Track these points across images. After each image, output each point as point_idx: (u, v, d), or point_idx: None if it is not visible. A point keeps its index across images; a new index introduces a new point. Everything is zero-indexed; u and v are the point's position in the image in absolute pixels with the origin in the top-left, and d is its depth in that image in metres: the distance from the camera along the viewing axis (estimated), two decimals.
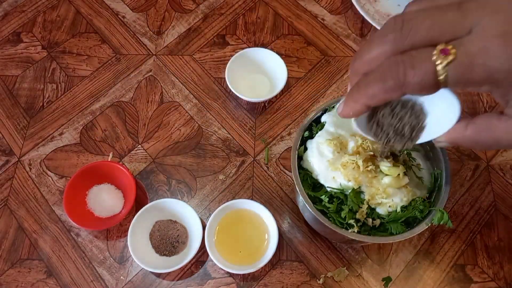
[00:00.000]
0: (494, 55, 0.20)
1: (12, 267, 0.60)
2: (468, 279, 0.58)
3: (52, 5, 0.82)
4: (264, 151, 0.67)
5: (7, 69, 0.75)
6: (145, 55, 0.76)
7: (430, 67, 0.22)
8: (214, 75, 0.74)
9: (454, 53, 0.21)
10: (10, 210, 0.64)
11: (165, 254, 0.59)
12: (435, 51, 0.21)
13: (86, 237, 0.62)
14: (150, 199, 0.64)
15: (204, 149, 0.67)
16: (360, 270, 0.59)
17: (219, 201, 0.64)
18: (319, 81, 0.73)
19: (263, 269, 0.59)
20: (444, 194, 0.43)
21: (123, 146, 0.68)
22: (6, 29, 0.79)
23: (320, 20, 0.79)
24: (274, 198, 0.63)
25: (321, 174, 0.45)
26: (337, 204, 0.43)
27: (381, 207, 0.43)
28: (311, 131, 0.49)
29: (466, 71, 0.21)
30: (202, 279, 0.59)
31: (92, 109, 0.71)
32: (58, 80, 0.74)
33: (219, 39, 0.77)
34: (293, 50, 0.76)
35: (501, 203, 0.63)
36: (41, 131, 0.70)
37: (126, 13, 0.81)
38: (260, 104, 0.71)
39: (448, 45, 0.21)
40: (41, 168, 0.67)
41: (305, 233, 0.61)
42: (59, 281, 0.59)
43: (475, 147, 0.28)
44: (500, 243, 0.60)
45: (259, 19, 0.79)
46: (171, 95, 0.72)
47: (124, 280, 0.59)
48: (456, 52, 0.21)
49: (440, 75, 0.22)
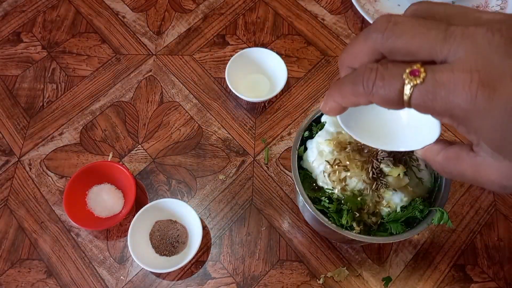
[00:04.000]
0: (457, 92, 0.20)
1: (12, 267, 0.60)
2: (468, 279, 0.58)
3: (52, 5, 0.82)
4: (264, 151, 0.67)
5: (7, 69, 0.75)
6: (145, 55, 0.76)
7: (398, 84, 0.22)
8: (214, 75, 0.74)
9: (423, 78, 0.21)
10: (10, 210, 0.64)
11: (165, 254, 0.59)
12: (407, 69, 0.21)
13: (86, 237, 0.62)
14: (150, 199, 0.64)
15: (204, 149, 0.67)
16: (360, 270, 0.59)
17: (219, 201, 0.64)
18: (319, 81, 0.73)
19: (263, 269, 0.59)
20: (444, 194, 0.43)
21: (123, 146, 0.68)
22: (6, 29, 0.79)
23: (320, 20, 0.79)
24: (274, 198, 0.63)
25: (320, 174, 0.45)
26: (337, 204, 0.43)
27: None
28: (311, 131, 0.49)
29: (428, 98, 0.21)
30: (202, 279, 0.59)
31: (92, 109, 0.71)
32: (58, 80, 0.74)
33: (219, 39, 0.77)
34: (293, 50, 0.76)
35: (501, 203, 0.63)
36: (41, 131, 0.70)
37: (126, 13, 0.81)
38: (260, 104, 0.71)
39: (421, 67, 0.21)
40: (41, 168, 0.67)
41: (305, 233, 0.61)
42: (59, 281, 0.59)
43: (442, 174, 0.28)
44: (500, 243, 0.60)
45: (259, 19, 0.79)
46: (171, 95, 0.72)
47: (124, 280, 0.59)
48: (425, 77, 0.21)
49: (405, 95, 0.22)
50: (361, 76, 0.23)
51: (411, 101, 0.22)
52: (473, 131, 0.22)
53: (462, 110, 0.20)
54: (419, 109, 0.22)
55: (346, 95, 0.25)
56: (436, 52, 0.21)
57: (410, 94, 0.21)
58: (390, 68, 0.22)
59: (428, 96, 0.21)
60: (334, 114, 0.28)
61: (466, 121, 0.21)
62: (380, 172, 0.43)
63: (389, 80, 0.22)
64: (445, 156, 0.27)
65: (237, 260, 0.60)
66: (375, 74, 0.22)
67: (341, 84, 0.25)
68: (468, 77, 0.20)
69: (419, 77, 0.21)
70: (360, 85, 0.23)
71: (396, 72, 0.22)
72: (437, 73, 0.21)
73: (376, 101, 0.23)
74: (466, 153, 0.25)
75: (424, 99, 0.21)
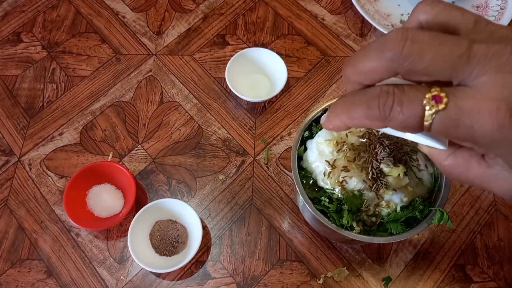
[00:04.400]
0: (483, 121, 0.19)
1: (12, 267, 0.60)
2: (468, 279, 0.58)
3: (52, 5, 0.82)
4: (264, 151, 0.67)
5: (7, 69, 0.75)
6: (145, 55, 0.76)
7: (418, 110, 0.21)
8: (214, 75, 0.74)
9: (445, 103, 0.20)
10: (10, 210, 0.64)
11: (165, 254, 0.59)
12: (428, 95, 0.20)
13: (86, 237, 0.62)
14: (150, 199, 0.64)
15: (204, 149, 0.67)
16: (360, 270, 0.59)
17: (219, 201, 0.64)
18: (319, 81, 0.73)
19: (263, 269, 0.59)
20: (444, 194, 0.43)
21: (123, 146, 0.68)
22: (6, 29, 0.79)
23: (320, 20, 0.79)
24: (274, 198, 0.63)
25: (320, 174, 0.45)
26: (337, 204, 0.43)
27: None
28: (311, 131, 0.49)
29: (451, 125, 0.20)
30: (202, 279, 0.59)
31: (92, 109, 0.71)
32: (58, 80, 0.74)
33: (219, 39, 0.77)
34: (293, 50, 0.76)
35: (501, 203, 0.63)
36: (41, 131, 0.70)
37: (126, 13, 0.81)
38: (260, 104, 0.71)
39: (442, 92, 0.20)
40: (41, 168, 0.67)
41: (305, 233, 0.61)
42: (59, 281, 0.59)
43: (448, 177, 0.27)
44: (500, 243, 0.60)
45: (259, 19, 0.79)
46: (171, 95, 0.72)
47: (124, 280, 0.59)
48: (448, 103, 0.20)
49: (426, 121, 0.21)
50: (376, 100, 0.22)
51: (432, 127, 0.21)
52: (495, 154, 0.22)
53: (486, 138, 0.20)
54: (440, 134, 0.21)
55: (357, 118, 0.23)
56: (458, 74, 0.20)
57: (431, 121, 0.20)
58: (408, 92, 0.21)
59: (451, 123, 0.20)
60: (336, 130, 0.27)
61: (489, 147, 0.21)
62: (380, 172, 0.43)
63: (408, 106, 0.21)
64: (454, 163, 0.25)
65: (237, 260, 0.60)
66: (393, 98, 0.21)
67: (350, 105, 0.23)
68: (494, 106, 0.19)
69: (441, 103, 0.20)
70: (375, 109, 0.22)
71: (416, 97, 0.21)
72: (459, 100, 0.20)
73: (393, 126, 0.22)
74: (476, 161, 0.24)
75: (446, 126, 0.20)
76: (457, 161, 0.25)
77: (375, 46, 0.22)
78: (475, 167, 0.24)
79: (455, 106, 0.20)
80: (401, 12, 0.78)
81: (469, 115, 0.20)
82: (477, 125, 0.20)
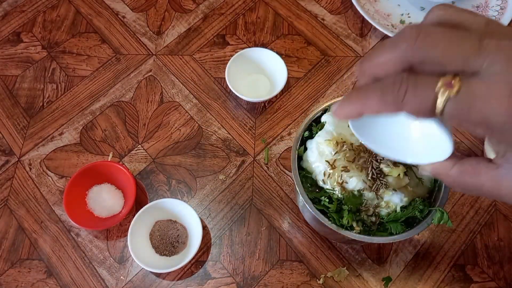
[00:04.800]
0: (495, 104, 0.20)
1: (12, 267, 0.60)
2: (468, 279, 0.58)
3: (52, 5, 0.82)
4: (264, 151, 0.67)
5: (7, 69, 0.75)
6: (145, 55, 0.76)
7: (431, 95, 0.22)
8: (214, 75, 0.74)
9: (458, 89, 0.21)
10: (10, 210, 0.64)
11: (165, 254, 0.59)
12: (440, 81, 0.21)
13: (86, 237, 0.62)
14: (150, 199, 0.64)
15: (204, 149, 0.67)
16: (360, 270, 0.59)
17: (219, 201, 0.64)
18: (319, 81, 0.73)
19: (263, 269, 0.59)
20: (444, 194, 0.43)
21: (123, 146, 0.68)
22: (6, 29, 0.79)
23: (320, 20, 0.79)
24: (274, 198, 0.63)
25: (320, 174, 0.45)
26: (337, 204, 0.43)
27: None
28: (311, 131, 0.49)
29: (464, 110, 0.21)
30: (202, 279, 0.59)
31: (92, 109, 0.71)
32: (58, 80, 0.74)
33: (219, 39, 0.77)
34: (293, 50, 0.76)
35: (501, 203, 0.63)
36: (41, 131, 0.70)
37: (126, 13, 0.81)
38: (260, 104, 0.71)
39: (454, 78, 0.21)
40: (41, 168, 0.67)
41: (305, 233, 0.61)
42: (59, 281, 0.59)
43: (456, 188, 0.27)
44: (500, 243, 0.60)
45: (259, 19, 0.79)
46: (171, 95, 0.72)
47: (124, 280, 0.59)
48: (460, 89, 0.21)
49: (438, 106, 0.22)
50: (391, 85, 0.23)
51: (445, 111, 0.22)
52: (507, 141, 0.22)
53: (499, 121, 0.20)
54: (452, 120, 0.22)
55: (371, 104, 0.24)
56: (469, 64, 0.21)
57: (444, 105, 0.21)
58: (421, 79, 0.22)
59: (464, 107, 0.21)
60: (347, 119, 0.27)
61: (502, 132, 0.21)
62: (380, 172, 0.43)
63: (422, 90, 0.22)
64: (461, 170, 0.26)
65: (237, 260, 0.60)
66: (407, 84, 0.22)
67: (366, 92, 0.24)
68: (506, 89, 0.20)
69: (454, 89, 0.21)
70: (390, 94, 0.23)
71: (429, 83, 0.22)
72: (472, 85, 0.21)
73: (407, 110, 0.23)
74: (484, 165, 0.25)
75: (458, 110, 0.21)
76: (464, 168, 0.26)
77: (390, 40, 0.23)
78: (484, 170, 0.25)
79: (467, 91, 0.21)
80: (401, 12, 0.78)
81: (481, 99, 0.20)
82: (490, 108, 0.20)
